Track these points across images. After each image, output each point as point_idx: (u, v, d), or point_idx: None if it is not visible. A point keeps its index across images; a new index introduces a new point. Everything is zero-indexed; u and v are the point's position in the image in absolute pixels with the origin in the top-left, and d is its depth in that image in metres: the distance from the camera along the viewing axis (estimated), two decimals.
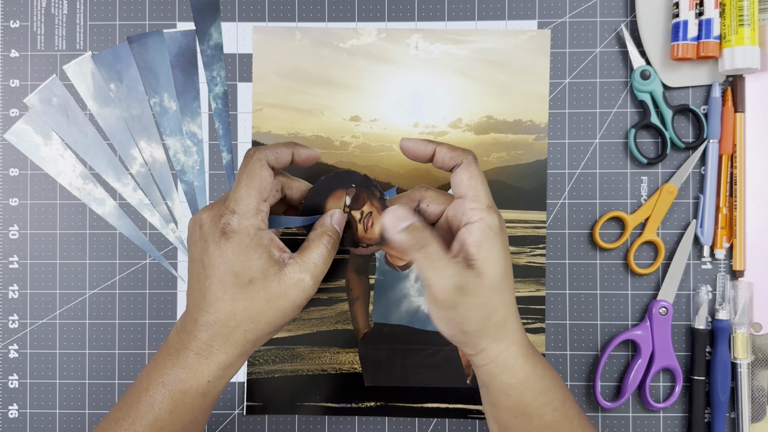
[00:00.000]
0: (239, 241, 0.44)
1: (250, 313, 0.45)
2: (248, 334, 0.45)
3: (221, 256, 0.44)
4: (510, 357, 0.46)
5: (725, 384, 0.60)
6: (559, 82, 0.62)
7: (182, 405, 0.45)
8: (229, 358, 0.46)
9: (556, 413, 0.47)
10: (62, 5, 0.63)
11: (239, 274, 0.44)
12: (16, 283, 0.62)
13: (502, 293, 0.45)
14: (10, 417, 0.62)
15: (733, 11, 0.58)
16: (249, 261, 0.44)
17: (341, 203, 0.50)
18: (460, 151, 0.47)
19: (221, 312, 0.45)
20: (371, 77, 0.62)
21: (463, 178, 0.46)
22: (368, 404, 0.62)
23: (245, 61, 0.63)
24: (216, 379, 0.46)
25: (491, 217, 0.45)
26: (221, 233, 0.44)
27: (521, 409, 0.46)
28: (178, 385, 0.45)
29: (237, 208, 0.45)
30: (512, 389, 0.46)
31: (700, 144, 0.61)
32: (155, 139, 0.63)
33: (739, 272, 0.61)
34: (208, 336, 0.45)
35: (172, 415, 0.45)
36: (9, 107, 0.63)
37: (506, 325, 0.46)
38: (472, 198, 0.46)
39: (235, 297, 0.45)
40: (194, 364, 0.45)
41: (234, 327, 0.45)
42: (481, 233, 0.45)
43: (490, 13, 0.62)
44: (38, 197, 0.62)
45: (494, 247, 0.45)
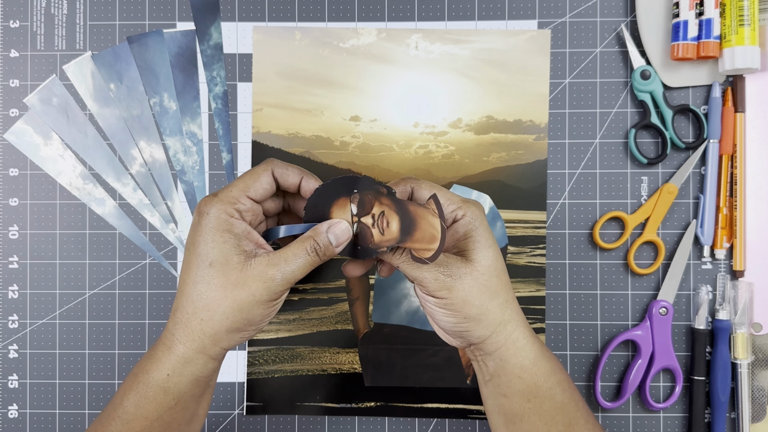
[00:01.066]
0: (207, 222, 0.44)
1: (206, 300, 0.44)
2: (204, 324, 0.44)
3: (192, 237, 0.45)
4: (520, 337, 0.47)
5: (725, 384, 0.60)
6: (559, 82, 0.62)
7: (145, 398, 0.45)
8: (187, 351, 0.44)
9: (565, 394, 0.48)
10: (62, 5, 0.63)
11: (201, 255, 0.44)
12: (16, 283, 0.62)
13: (500, 276, 0.47)
14: (10, 417, 0.62)
15: (733, 11, 0.58)
16: (213, 243, 0.44)
17: (347, 212, 0.47)
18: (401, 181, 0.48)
19: (183, 296, 0.45)
20: (371, 77, 0.62)
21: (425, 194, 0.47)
22: (368, 404, 0.62)
23: (245, 61, 0.63)
24: (175, 374, 0.45)
25: (471, 209, 0.47)
26: (197, 214, 0.45)
27: (534, 392, 0.47)
28: (143, 376, 0.45)
29: (219, 194, 0.45)
30: (525, 371, 0.47)
31: (700, 144, 0.61)
32: (155, 139, 0.62)
33: (739, 272, 0.60)
34: (172, 323, 0.45)
35: (137, 409, 0.45)
36: (9, 107, 0.63)
37: (510, 306, 0.47)
38: (446, 203, 0.47)
39: (195, 280, 0.44)
40: (158, 354, 0.45)
41: (192, 314, 0.44)
42: (468, 227, 0.46)
43: (490, 13, 0.62)
44: (38, 197, 0.62)
45: (482, 236, 0.46)
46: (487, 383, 0.49)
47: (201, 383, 0.46)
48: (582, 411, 0.48)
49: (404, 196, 0.48)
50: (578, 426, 0.48)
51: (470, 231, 0.46)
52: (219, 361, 0.46)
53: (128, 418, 0.45)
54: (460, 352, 0.62)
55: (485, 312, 0.46)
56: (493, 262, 0.46)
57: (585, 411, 0.49)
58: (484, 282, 0.46)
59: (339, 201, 0.46)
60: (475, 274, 0.45)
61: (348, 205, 0.46)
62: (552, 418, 0.47)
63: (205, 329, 0.44)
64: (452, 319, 0.46)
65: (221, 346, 0.45)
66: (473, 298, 0.45)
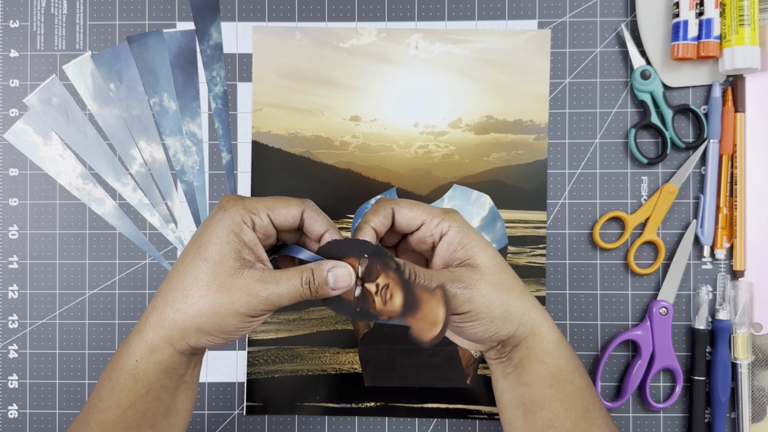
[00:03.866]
0: (221, 218, 0.44)
1: (187, 292, 0.43)
2: (177, 315, 0.43)
3: (202, 226, 0.45)
4: (543, 322, 0.48)
5: (725, 384, 0.60)
6: (559, 82, 0.62)
7: (117, 385, 0.45)
8: (155, 337, 0.44)
9: (583, 378, 0.49)
10: (62, 5, 0.63)
11: (201, 247, 0.44)
12: (16, 283, 0.62)
13: (506, 270, 0.47)
14: (9, 417, 0.62)
15: (734, 11, 0.58)
16: (217, 239, 0.43)
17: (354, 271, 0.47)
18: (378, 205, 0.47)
19: (168, 282, 0.44)
20: (371, 77, 0.62)
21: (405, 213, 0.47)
22: (368, 404, 0.62)
23: (245, 61, 0.63)
24: (143, 360, 0.44)
25: (454, 219, 0.47)
26: (217, 207, 0.45)
27: (556, 376, 0.48)
28: (116, 362, 0.45)
29: (245, 199, 0.46)
30: (549, 355, 0.48)
31: (700, 144, 0.61)
32: (155, 139, 0.62)
33: (740, 272, 0.60)
34: (150, 308, 0.45)
35: (110, 396, 0.45)
36: (9, 107, 0.63)
37: (526, 294, 0.48)
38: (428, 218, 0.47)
39: (185, 270, 0.44)
40: (130, 339, 0.45)
41: (170, 301, 0.44)
42: (459, 236, 0.47)
43: (490, 13, 0.62)
44: (38, 197, 0.62)
45: (474, 240, 0.47)
46: (508, 376, 0.49)
47: (171, 375, 0.45)
48: (596, 397, 0.50)
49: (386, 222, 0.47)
50: (594, 411, 0.49)
51: (463, 239, 0.47)
52: (187, 356, 0.45)
53: (103, 406, 0.45)
54: (460, 352, 0.62)
55: (508, 308, 0.46)
56: (496, 261, 0.47)
57: (598, 398, 0.50)
58: (496, 281, 0.46)
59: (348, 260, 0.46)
60: (486, 277, 0.46)
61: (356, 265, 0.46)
62: (572, 403, 0.48)
63: (176, 320, 0.43)
64: (481, 327, 0.46)
65: (188, 341, 0.44)
66: (494, 300, 0.46)
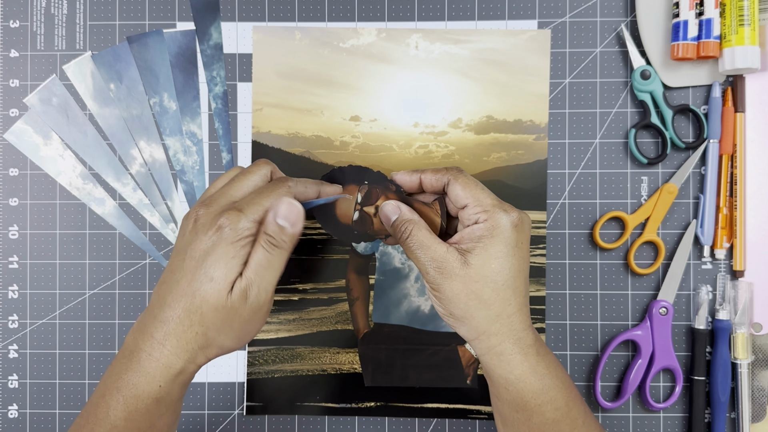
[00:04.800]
0: (226, 236, 0.43)
1: (203, 315, 0.44)
2: (199, 338, 0.44)
3: (204, 249, 0.43)
4: (505, 352, 0.46)
5: (725, 384, 0.60)
6: (559, 82, 0.62)
7: (136, 411, 0.44)
8: (179, 362, 0.44)
9: (558, 412, 0.47)
10: (62, 5, 0.63)
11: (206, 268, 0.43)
12: (16, 283, 0.62)
13: (499, 290, 0.46)
14: (10, 417, 0.62)
15: (734, 11, 0.58)
16: (222, 258, 0.43)
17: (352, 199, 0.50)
18: (444, 170, 0.49)
19: (181, 308, 0.44)
20: (371, 77, 0.62)
21: (457, 190, 0.48)
22: (368, 404, 0.62)
23: (245, 61, 0.63)
24: (167, 384, 0.44)
25: (498, 216, 0.46)
26: (218, 227, 0.43)
27: (520, 405, 0.47)
28: (131, 390, 0.44)
29: (246, 210, 0.44)
30: (510, 384, 0.47)
31: (700, 144, 0.61)
32: (155, 139, 0.62)
33: (740, 272, 0.60)
34: (162, 334, 0.44)
35: (128, 422, 0.44)
36: (9, 107, 0.63)
37: (502, 321, 0.46)
38: (473, 204, 0.47)
39: (194, 293, 0.43)
40: (146, 367, 0.44)
41: (188, 326, 0.44)
42: (484, 231, 0.46)
43: (490, 13, 0.62)
44: (38, 197, 0.62)
45: (495, 245, 0.45)
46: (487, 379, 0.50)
47: (187, 385, 0.47)
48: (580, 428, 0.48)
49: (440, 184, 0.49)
50: None
51: (483, 237, 0.46)
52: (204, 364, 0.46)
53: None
54: (460, 352, 0.62)
55: (469, 317, 0.46)
56: (493, 275, 0.45)
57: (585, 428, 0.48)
58: (474, 289, 0.45)
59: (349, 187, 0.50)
60: (466, 279, 0.45)
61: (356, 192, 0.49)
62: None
63: (198, 341, 0.44)
64: (440, 309, 0.47)
65: (208, 356, 0.45)
66: (458, 301, 0.46)
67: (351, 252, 0.62)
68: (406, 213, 0.48)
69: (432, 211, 0.49)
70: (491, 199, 0.47)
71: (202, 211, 0.45)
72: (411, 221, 0.48)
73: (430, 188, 0.49)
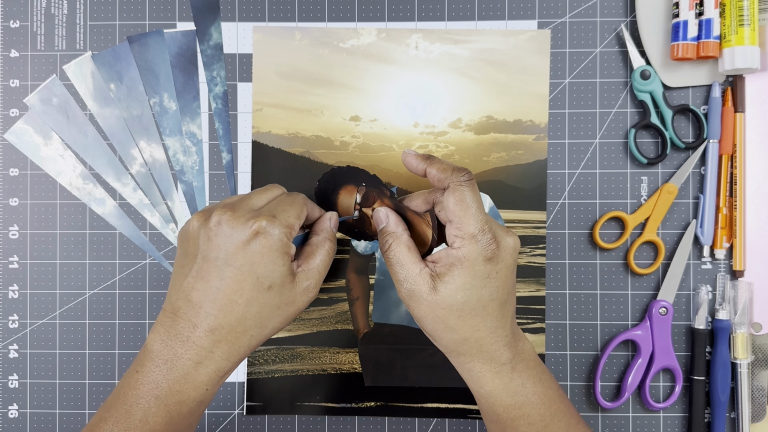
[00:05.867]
0: (271, 245, 0.44)
1: (261, 319, 0.45)
2: (253, 340, 0.45)
3: (247, 256, 0.43)
4: (474, 369, 0.47)
5: (725, 384, 0.60)
6: (559, 82, 0.62)
7: (178, 416, 0.44)
8: (229, 364, 0.45)
9: (532, 427, 0.47)
10: (62, 5, 0.63)
11: (261, 278, 0.44)
12: (16, 283, 0.62)
13: (466, 318, 0.45)
14: (10, 417, 0.62)
15: (733, 11, 0.58)
16: (274, 266, 0.44)
17: (352, 198, 0.51)
18: (450, 171, 0.46)
19: (231, 316, 0.44)
20: (371, 77, 0.62)
21: (449, 203, 0.45)
22: (368, 404, 0.62)
23: (245, 61, 0.63)
24: (213, 386, 0.45)
25: (471, 248, 0.44)
26: (254, 233, 0.43)
27: (493, 417, 0.48)
28: (174, 398, 0.44)
29: (279, 215, 0.45)
30: (482, 397, 0.48)
31: (700, 144, 0.61)
32: (155, 139, 0.63)
33: (739, 272, 0.61)
34: (210, 342, 0.44)
35: (168, 426, 0.44)
36: (9, 107, 0.63)
37: (469, 344, 0.46)
38: (456, 225, 0.45)
39: (250, 302, 0.44)
40: (192, 374, 0.44)
41: (242, 332, 0.44)
42: (455, 260, 0.44)
43: (490, 13, 0.62)
44: (38, 197, 0.62)
45: (463, 277, 0.44)
46: None
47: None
48: None
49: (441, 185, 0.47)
50: None
51: (454, 266, 0.44)
52: None
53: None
54: None
55: (437, 338, 0.47)
56: (458, 305, 0.44)
57: None
58: (439, 315, 0.45)
59: (347, 187, 0.52)
60: (432, 306, 0.45)
61: (354, 192, 0.51)
62: None
63: (252, 343, 0.45)
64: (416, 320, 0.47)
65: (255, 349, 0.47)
66: (426, 322, 0.46)
67: (351, 252, 0.62)
68: (390, 225, 0.48)
69: (424, 222, 0.48)
70: (474, 227, 0.44)
71: (229, 215, 0.44)
72: (393, 234, 0.47)
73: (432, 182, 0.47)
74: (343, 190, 0.52)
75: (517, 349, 0.47)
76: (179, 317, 0.44)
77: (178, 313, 0.45)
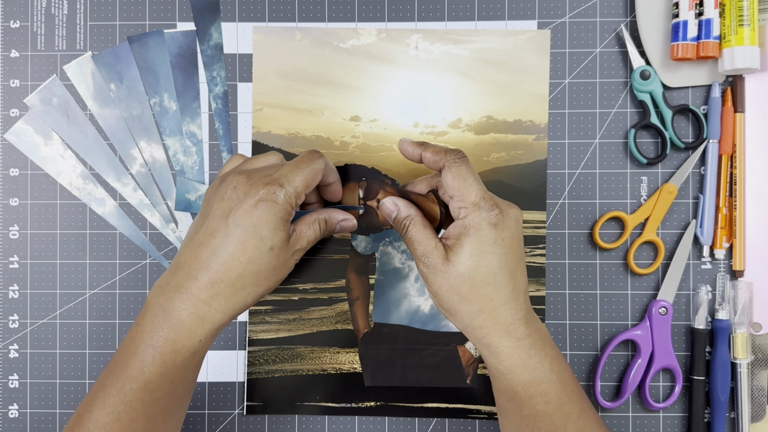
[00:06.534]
0: (276, 211, 0.47)
1: (258, 278, 0.47)
2: (249, 297, 0.48)
3: (253, 218, 0.46)
4: (492, 344, 0.48)
5: (725, 384, 0.60)
6: (559, 82, 0.62)
7: (173, 366, 0.46)
8: (224, 318, 0.47)
9: (549, 406, 0.48)
10: (62, 5, 0.63)
11: (264, 240, 0.46)
12: (16, 283, 0.62)
13: (478, 287, 0.47)
14: (10, 417, 0.62)
15: (733, 11, 0.58)
16: (277, 230, 0.47)
17: (355, 195, 0.54)
18: (443, 153, 0.49)
19: (231, 272, 0.46)
20: (371, 77, 0.62)
21: (447, 180, 0.48)
22: (368, 404, 0.62)
23: (245, 61, 0.63)
24: (207, 338, 0.47)
25: (475, 214, 0.47)
26: (261, 199, 0.46)
27: (511, 395, 0.48)
28: (169, 347, 0.46)
29: (286, 185, 0.47)
30: (500, 374, 0.48)
31: (699, 144, 0.61)
32: (155, 140, 0.63)
33: (739, 272, 0.61)
34: (209, 295, 0.46)
35: (163, 377, 0.46)
36: (9, 107, 0.63)
37: (485, 315, 0.47)
38: (458, 198, 0.48)
39: (251, 260, 0.46)
40: (187, 324, 0.46)
41: (239, 288, 0.47)
42: (461, 229, 0.47)
43: (490, 13, 0.62)
44: (38, 197, 0.63)
45: (470, 243, 0.47)
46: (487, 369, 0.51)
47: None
48: (574, 422, 0.48)
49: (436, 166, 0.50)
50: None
51: (462, 234, 0.47)
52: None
53: (152, 387, 0.46)
54: (460, 352, 0.62)
55: (454, 311, 0.48)
56: (469, 272, 0.47)
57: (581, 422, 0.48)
58: (454, 285, 0.47)
59: (349, 185, 0.55)
60: (447, 275, 0.47)
61: (356, 189, 0.55)
62: (533, 423, 0.48)
63: (247, 300, 0.48)
64: (433, 300, 0.50)
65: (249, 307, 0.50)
66: (443, 295, 0.48)
67: (351, 252, 0.62)
68: (403, 209, 0.50)
69: (429, 200, 0.51)
70: (474, 195, 0.47)
71: (242, 180, 0.48)
72: (408, 217, 0.50)
73: (428, 165, 0.51)
74: (345, 188, 0.54)
75: (533, 327, 0.49)
76: (182, 269, 0.47)
77: (182, 267, 0.47)
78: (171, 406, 0.48)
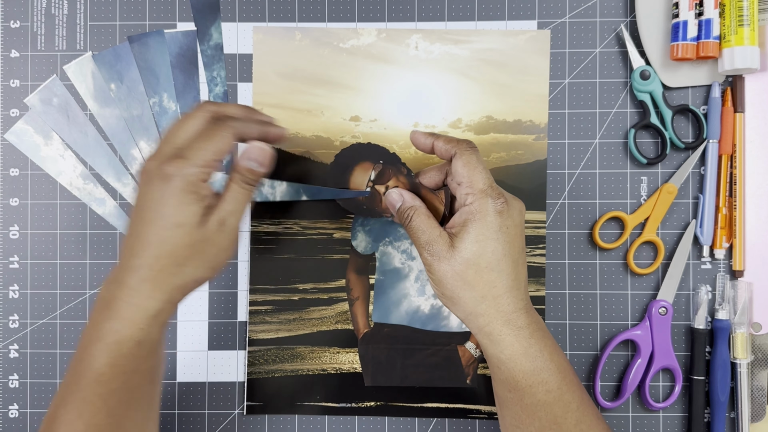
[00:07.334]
0: (176, 185, 0.45)
1: (176, 257, 0.46)
2: (175, 278, 0.46)
3: (158, 198, 0.46)
4: (494, 333, 0.48)
5: (725, 384, 0.60)
6: (559, 82, 0.62)
7: (120, 356, 0.46)
8: (157, 303, 0.46)
9: (549, 395, 0.48)
10: (62, 5, 0.63)
11: (169, 216, 0.45)
12: (17, 283, 0.62)
13: (482, 273, 0.48)
14: (10, 417, 0.62)
15: (733, 11, 0.58)
16: (181, 205, 0.45)
17: (366, 175, 0.54)
18: (455, 142, 0.51)
19: (149, 255, 0.46)
20: (371, 77, 0.62)
21: (457, 167, 0.50)
22: (368, 404, 0.62)
23: (245, 61, 0.63)
24: (147, 325, 0.46)
25: (482, 201, 0.48)
26: (163, 176, 0.45)
27: (512, 384, 0.49)
28: (112, 336, 0.46)
29: (189, 156, 0.46)
30: (502, 363, 0.49)
31: (699, 144, 0.61)
32: (155, 140, 0.63)
33: (739, 272, 0.61)
34: (136, 281, 0.46)
35: (114, 368, 0.46)
36: (9, 107, 0.63)
37: (488, 303, 0.48)
38: (466, 185, 0.49)
39: (163, 240, 0.46)
40: (124, 313, 0.46)
41: (159, 270, 0.46)
42: (468, 215, 0.48)
43: (489, 13, 0.62)
44: (38, 197, 0.63)
45: (476, 229, 0.48)
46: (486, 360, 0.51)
47: (166, 326, 0.49)
48: (574, 413, 0.49)
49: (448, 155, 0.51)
50: (567, 425, 0.48)
51: (468, 221, 0.48)
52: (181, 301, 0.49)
53: (105, 379, 0.46)
54: (460, 352, 0.62)
55: (457, 298, 0.49)
56: (474, 257, 0.48)
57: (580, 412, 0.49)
58: (459, 271, 0.48)
59: (364, 164, 0.55)
60: (452, 262, 0.48)
61: (370, 168, 0.54)
62: (534, 413, 0.48)
63: (175, 282, 0.46)
64: (435, 290, 0.50)
65: (185, 292, 0.48)
66: (447, 281, 0.48)
67: (351, 252, 0.62)
68: (408, 200, 0.51)
69: (437, 200, 0.52)
70: (483, 183, 0.49)
71: (150, 164, 0.47)
72: (412, 207, 0.51)
73: (440, 155, 0.52)
74: (359, 166, 0.55)
75: (533, 318, 0.50)
76: (119, 262, 0.48)
77: (119, 257, 0.48)
78: (131, 399, 0.47)
